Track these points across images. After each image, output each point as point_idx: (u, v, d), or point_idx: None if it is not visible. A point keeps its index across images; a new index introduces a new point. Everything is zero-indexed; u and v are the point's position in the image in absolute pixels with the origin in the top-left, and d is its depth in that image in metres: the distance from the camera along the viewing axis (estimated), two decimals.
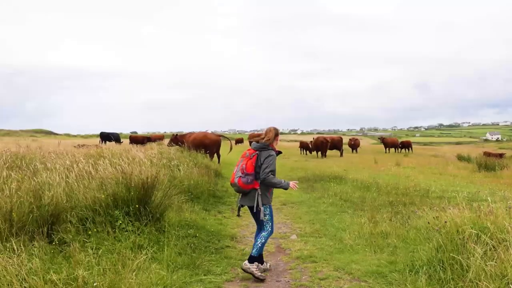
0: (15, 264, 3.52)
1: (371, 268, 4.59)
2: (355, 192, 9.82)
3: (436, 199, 8.84)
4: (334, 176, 12.74)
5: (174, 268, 4.49)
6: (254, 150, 4.74)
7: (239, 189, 4.71)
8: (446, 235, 4.29)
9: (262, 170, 4.59)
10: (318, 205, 8.63)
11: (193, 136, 16.52)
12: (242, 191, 4.71)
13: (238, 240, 6.08)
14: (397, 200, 8.50)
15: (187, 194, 8.03)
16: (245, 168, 4.63)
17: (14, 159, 7.80)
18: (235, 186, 4.71)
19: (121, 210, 5.23)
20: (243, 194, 4.77)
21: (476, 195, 8.65)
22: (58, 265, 3.88)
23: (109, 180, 5.75)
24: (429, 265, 4.12)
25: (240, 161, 4.74)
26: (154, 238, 5.09)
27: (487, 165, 17.13)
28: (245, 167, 4.63)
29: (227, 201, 9.24)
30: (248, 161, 4.66)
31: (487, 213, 4.42)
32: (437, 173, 16.24)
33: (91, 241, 4.63)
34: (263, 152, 4.68)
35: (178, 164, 10.31)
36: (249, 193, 4.70)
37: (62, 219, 4.80)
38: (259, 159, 4.66)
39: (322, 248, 5.55)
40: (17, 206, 4.43)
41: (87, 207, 5.17)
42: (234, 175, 4.70)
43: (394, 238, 5.55)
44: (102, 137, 31.34)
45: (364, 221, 6.62)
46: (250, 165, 4.63)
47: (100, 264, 4.02)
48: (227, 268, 4.76)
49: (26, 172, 6.53)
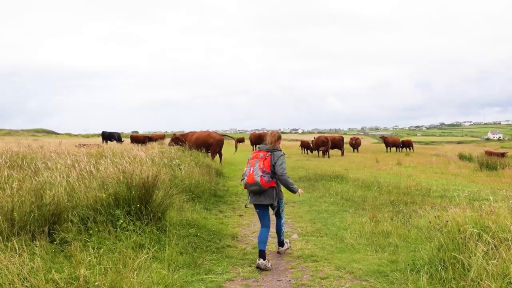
0: (16, 263, 3.53)
1: (372, 268, 4.59)
2: (356, 191, 9.81)
3: (437, 198, 8.83)
4: (335, 176, 12.73)
5: (175, 268, 4.50)
6: (266, 151, 5.10)
7: (260, 188, 4.94)
8: (447, 235, 4.28)
9: (280, 168, 4.99)
10: (319, 204, 8.62)
11: (196, 135, 16.51)
12: (262, 189, 4.96)
13: (239, 239, 6.08)
14: (398, 199, 8.50)
15: (188, 193, 8.04)
16: (263, 167, 4.95)
17: (16, 158, 7.82)
18: (256, 185, 4.92)
19: (122, 210, 5.23)
20: (258, 193, 5.02)
21: (478, 194, 8.64)
22: (59, 265, 3.89)
23: (110, 179, 5.76)
24: (431, 264, 4.11)
25: (251, 162, 5.05)
26: (155, 237, 5.10)
27: (489, 164, 17.10)
28: (263, 167, 4.95)
29: (228, 200, 9.24)
30: (264, 161, 4.99)
31: (489, 213, 4.41)
32: (438, 172, 16.23)
33: (92, 241, 4.64)
34: (275, 153, 5.08)
35: (179, 163, 10.32)
36: (266, 191, 5.01)
37: (64, 218, 4.80)
38: (272, 159, 5.04)
39: (323, 248, 5.55)
40: (18, 206, 4.44)
41: (88, 206, 5.17)
42: (252, 175, 4.94)
43: (395, 237, 5.55)
44: (104, 137, 31.37)
45: (366, 220, 6.62)
46: (267, 165, 4.98)
47: (101, 263, 4.02)
48: (228, 267, 4.76)
49: (28, 171, 6.54)
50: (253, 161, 5.05)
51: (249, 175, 4.98)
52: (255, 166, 4.98)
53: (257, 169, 4.94)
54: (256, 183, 4.91)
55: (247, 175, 5.02)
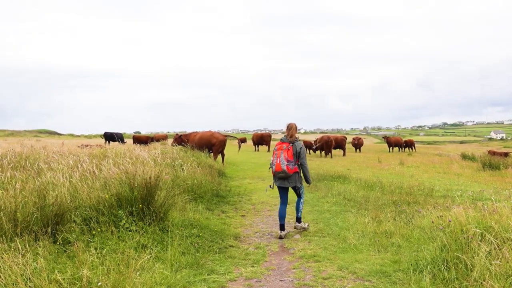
0: (20, 263, 3.54)
1: (375, 268, 4.58)
2: (358, 191, 9.80)
3: (440, 198, 8.81)
4: (337, 176, 12.72)
5: (178, 268, 4.50)
6: (288, 143, 6.15)
7: (286, 175, 6.07)
8: (450, 234, 4.27)
9: (303, 156, 6.18)
10: (321, 205, 8.62)
11: (199, 135, 16.51)
12: (288, 176, 6.09)
13: (241, 239, 6.08)
14: (401, 199, 8.48)
15: (190, 193, 8.04)
16: (287, 157, 6.04)
17: (19, 159, 7.84)
18: (283, 173, 6.05)
19: (125, 210, 5.24)
20: (284, 178, 6.14)
21: (481, 194, 8.62)
22: (62, 265, 3.90)
23: (113, 180, 5.77)
24: (433, 264, 4.10)
25: (277, 153, 6.13)
26: (157, 237, 5.11)
27: (492, 164, 17.03)
28: (287, 156, 6.04)
29: (231, 200, 9.24)
30: (288, 152, 6.07)
31: (492, 212, 4.40)
32: (441, 172, 16.18)
33: (95, 241, 4.65)
34: (297, 143, 6.17)
35: (181, 163, 10.32)
36: (291, 177, 6.13)
37: (66, 219, 4.81)
38: (295, 149, 6.11)
39: (325, 248, 5.54)
40: (21, 206, 4.45)
41: (91, 207, 5.18)
42: (279, 164, 6.05)
43: (398, 237, 5.54)
44: (106, 137, 31.42)
45: (368, 220, 6.61)
46: (290, 155, 6.06)
47: (104, 263, 4.03)
48: (230, 268, 4.76)
49: (30, 172, 6.57)
50: (279, 152, 6.11)
51: (276, 165, 6.07)
52: (280, 156, 6.06)
53: (283, 159, 6.03)
54: (283, 171, 6.03)
55: (274, 164, 6.10)
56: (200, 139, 16.04)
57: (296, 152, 6.11)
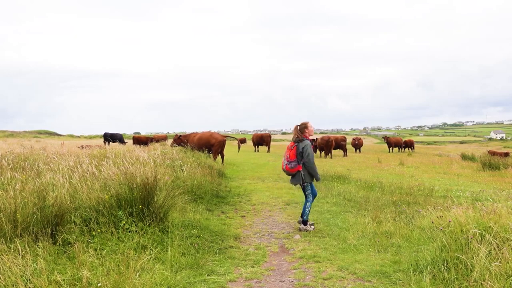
0: (19, 264, 3.54)
1: (375, 268, 4.58)
2: (358, 192, 9.80)
3: (440, 198, 8.82)
4: (337, 176, 12.72)
5: (178, 269, 4.50)
6: (293, 142, 6.51)
7: (288, 173, 6.55)
8: (450, 235, 4.27)
9: (306, 155, 6.36)
10: (321, 205, 8.61)
11: (198, 135, 16.52)
12: (291, 174, 6.52)
13: (241, 240, 6.07)
14: (401, 200, 8.48)
15: (190, 194, 8.04)
16: (288, 157, 6.44)
17: (18, 160, 7.84)
18: (285, 171, 6.57)
19: (125, 211, 5.24)
20: (291, 176, 6.59)
21: (480, 194, 8.62)
22: (62, 266, 3.90)
23: (113, 180, 5.77)
24: (433, 264, 4.10)
25: (284, 153, 6.55)
26: (157, 238, 5.10)
27: (492, 164, 17.04)
28: (288, 156, 6.45)
29: (231, 201, 9.24)
30: (291, 151, 6.44)
31: (491, 213, 4.41)
32: (441, 172, 16.19)
33: (95, 242, 4.65)
34: (299, 144, 6.45)
35: (181, 164, 10.32)
36: (295, 175, 6.50)
37: (66, 219, 4.81)
38: (298, 149, 6.41)
39: (325, 248, 5.54)
40: (21, 207, 4.44)
41: (90, 207, 5.18)
42: (283, 163, 6.56)
43: (398, 237, 5.54)
44: (106, 138, 31.41)
45: (368, 220, 6.61)
46: (292, 154, 6.43)
47: (104, 264, 4.03)
48: (230, 268, 4.76)
49: (30, 173, 6.56)
50: (285, 152, 6.58)
51: (282, 164, 6.63)
52: (284, 156, 6.53)
53: (285, 159, 6.51)
54: (285, 170, 6.54)
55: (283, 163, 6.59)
56: (200, 139, 16.05)
57: (299, 151, 6.38)
